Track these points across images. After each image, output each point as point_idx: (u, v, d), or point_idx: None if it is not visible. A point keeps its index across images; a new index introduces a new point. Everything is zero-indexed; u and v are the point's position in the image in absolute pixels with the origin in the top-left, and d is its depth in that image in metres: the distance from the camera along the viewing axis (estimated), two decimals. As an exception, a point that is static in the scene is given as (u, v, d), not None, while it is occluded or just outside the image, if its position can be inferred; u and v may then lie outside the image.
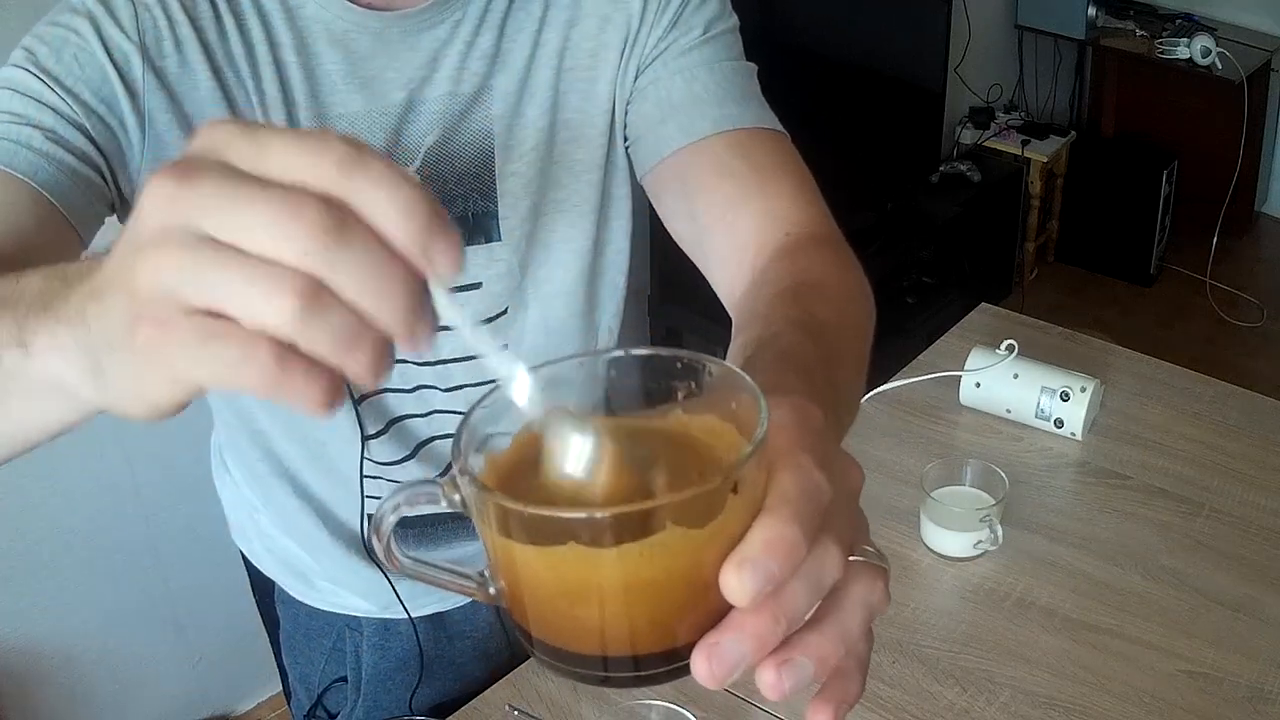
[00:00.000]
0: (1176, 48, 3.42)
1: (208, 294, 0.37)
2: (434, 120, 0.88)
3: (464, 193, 0.90)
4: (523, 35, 0.88)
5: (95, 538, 1.92)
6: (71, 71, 0.80)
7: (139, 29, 0.80)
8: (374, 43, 0.85)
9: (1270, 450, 1.51)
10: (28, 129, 0.77)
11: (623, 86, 0.91)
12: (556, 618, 0.46)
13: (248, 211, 0.37)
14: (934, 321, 2.86)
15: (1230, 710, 1.15)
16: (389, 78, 0.86)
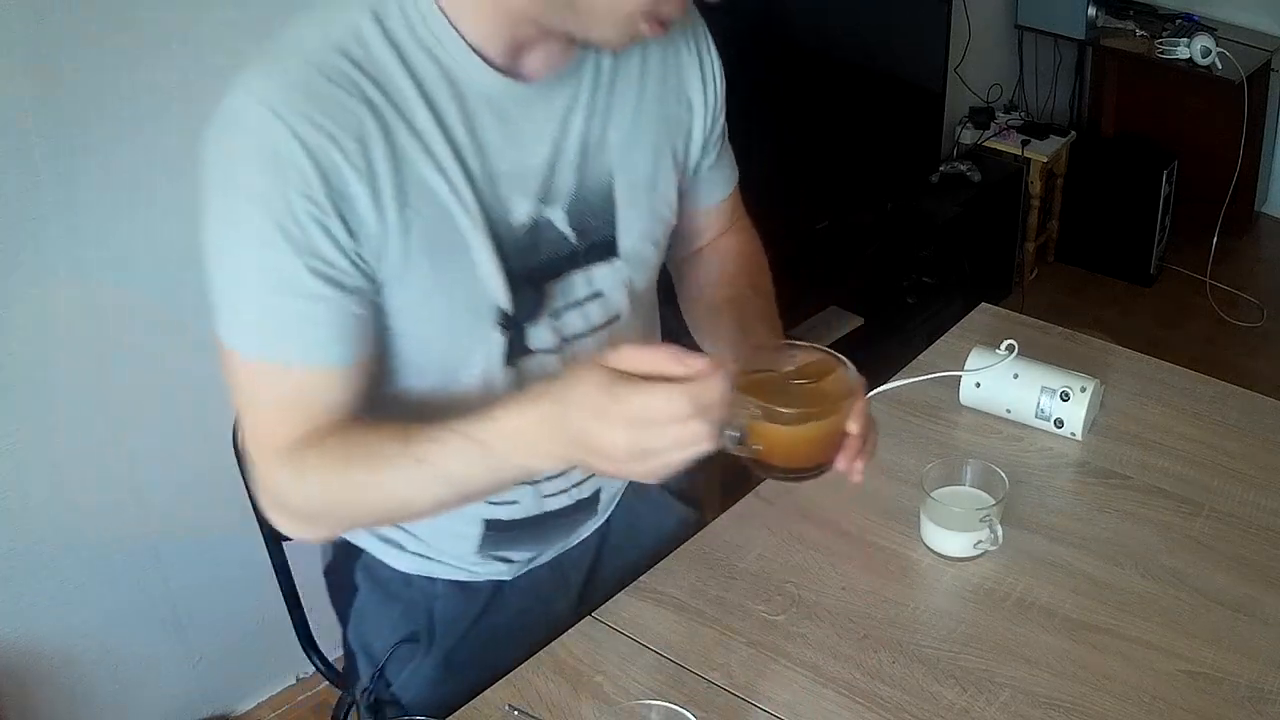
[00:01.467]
0: (1176, 48, 3.42)
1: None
2: (569, 169, 1.06)
3: (596, 224, 1.09)
4: (628, 97, 1.09)
5: (95, 538, 1.92)
6: (323, 243, 0.93)
7: (350, 161, 0.93)
8: (522, 108, 1.02)
9: (1270, 450, 1.51)
10: (321, 327, 0.95)
11: (689, 153, 1.18)
12: (787, 453, 1.02)
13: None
14: (934, 321, 2.86)
15: (1230, 710, 1.15)
16: (534, 136, 1.03)
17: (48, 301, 1.76)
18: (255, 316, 0.96)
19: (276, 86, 0.93)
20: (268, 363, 0.98)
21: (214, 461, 2.02)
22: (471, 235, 1.01)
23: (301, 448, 0.98)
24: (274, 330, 0.96)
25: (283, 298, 0.94)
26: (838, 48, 2.73)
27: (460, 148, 0.99)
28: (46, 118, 1.66)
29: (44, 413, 1.80)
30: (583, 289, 1.11)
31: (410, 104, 0.96)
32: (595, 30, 0.96)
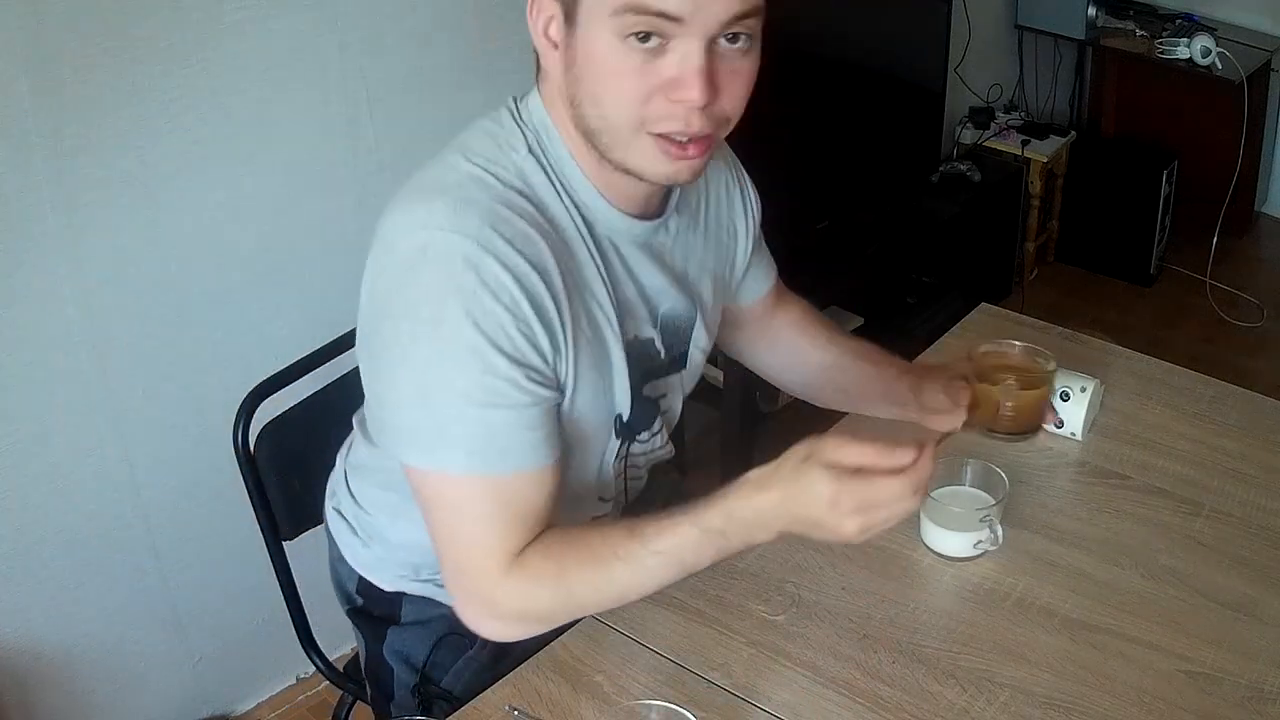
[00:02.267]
0: (1176, 48, 3.42)
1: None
2: (665, 297, 1.20)
3: (677, 341, 1.24)
4: (697, 234, 1.24)
5: (95, 538, 1.92)
6: (533, 356, 1.03)
7: (546, 279, 1.03)
8: (635, 245, 1.15)
9: (1270, 450, 1.51)
10: (534, 430, 1.04)
11: (734, 273, 1.35)
12: (1029, 414, 1.36)
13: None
14: (934, 321, 2.86)
15: (1230, 710, 1.15)
16: (645, 270, 1.17)
17: (48, 301, 1.76)
18: (472, 433, 1.02)
19: (476, 222, 1.00)
20: (484, 475, 1.04)
21: (213, 461, 2.03)
22: (615, 353, 1.14)
23: (528, 556, 1.06)
24: (498, 444, 1.03)
25: (501, 411, 1.02)
26: (838, 48, 2.73)
27: (604, 278, 1.11)
28: (46, 118, 1.66)
29: (43, 413, 1.80)
30: (658, 393, 1.25)
31: (571, 236, 1.08)
32: (625, 155, 1.03)
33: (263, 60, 1.87)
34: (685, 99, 0.98)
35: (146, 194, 1.81)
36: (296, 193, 2.00)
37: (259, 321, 2.01)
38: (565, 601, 1.10)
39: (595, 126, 1.02)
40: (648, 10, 0.95)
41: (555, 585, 1.07)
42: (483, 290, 0.99)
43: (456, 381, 1.00)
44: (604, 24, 0.97)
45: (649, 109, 0.99)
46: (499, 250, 1.00)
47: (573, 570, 1.06)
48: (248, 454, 1.46)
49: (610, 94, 0.99)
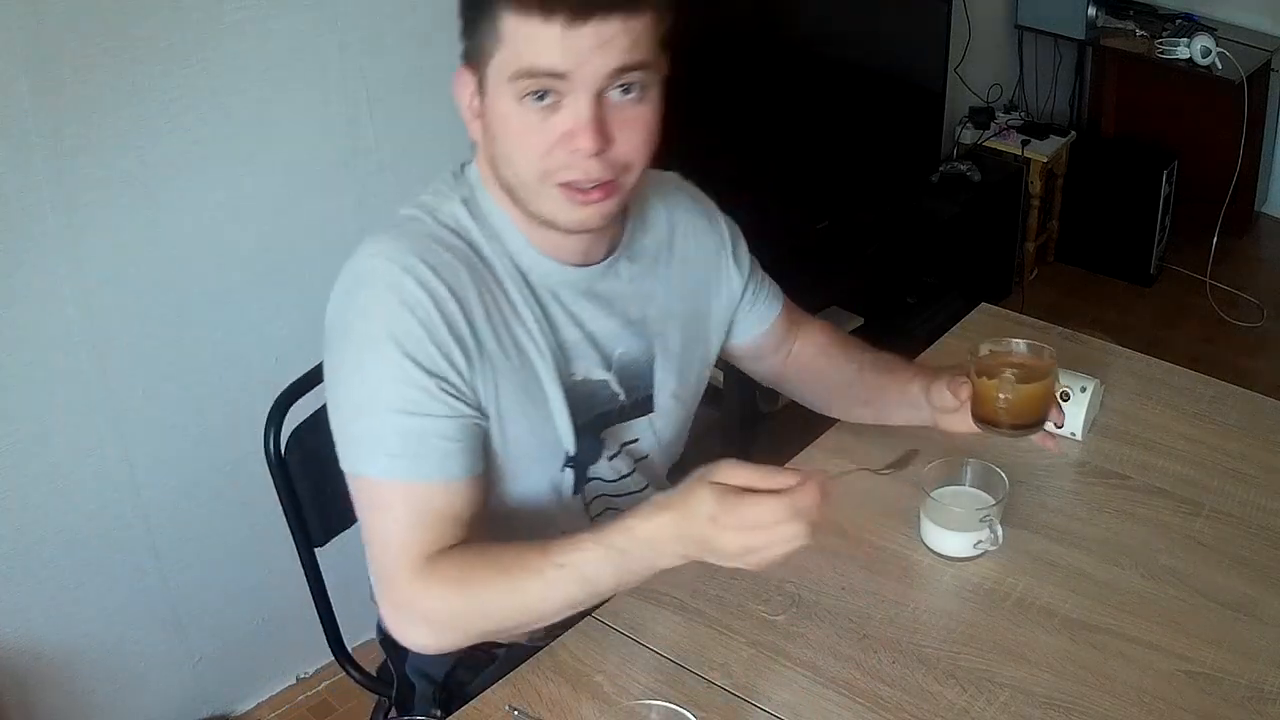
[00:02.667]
0: (1176, 48, 3.41)
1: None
2: (616, 340, 1.26)
3: (639, 384, 1.30)
4: (658, 280, 1.30)
5: (95, 538, 1.92)
6: (448, 370, 1.11)
7: (463, 305, 1.13)
8: (574, 292, 1.22)
9: (1270, 450, 1.51)
10: (449, 440, 1.11)
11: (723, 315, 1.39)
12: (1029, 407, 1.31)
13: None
14: (934, 321, 2.86)
15: (1230, 710, 1.15)
16: (588, 314, 1.23)
17: (48, 301, 1.76)
18: (392, 439, 1.10)
19: (403, 251, 1.11)
20: (405, 481, 1.11)
21: (213, 461, 2.03)
22: (550, 389, 1.20)
23: (438, 560, 1.10)
24: (409, 448, 1.10)
25: (418, 419, 1.10)
26: (838, 48, 2.73)
27: (538, 318, 1.19)
28: (46, 118, 1.66)
29: (44, 413, 1.80)
30: (625, 435, 1.31)
31: (504, 278, 1.17)
32: (540, 207, 1.12)
33: (263, 60, 1.87)
34: (579, 148, 1.07)
35: (146, 194, 1.81)
36: (296, 193, 2.00)
37: (259, 321, 2.01)
38: (470, 607, 1.11)
39: (512, 183, 1.12)
40: (536, 72, 1.05)
41: (460, 589, 1.10)
42: (402, 309, 1.09)
43: (380, 392, 1.10)
44: (504, 89, 1.07)
45: (550, 161, 1.09)
46: (420, 274, 1.10)
47: (479, 576, 1.10)
48: (280, 460, 1.45)
49: (517, 151, 1.09)
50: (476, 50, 1.09)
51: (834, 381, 1.48)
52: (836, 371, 1.47)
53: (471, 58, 1.11)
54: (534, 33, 1.03)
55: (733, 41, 2.43)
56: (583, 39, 1.03)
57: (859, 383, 1.46)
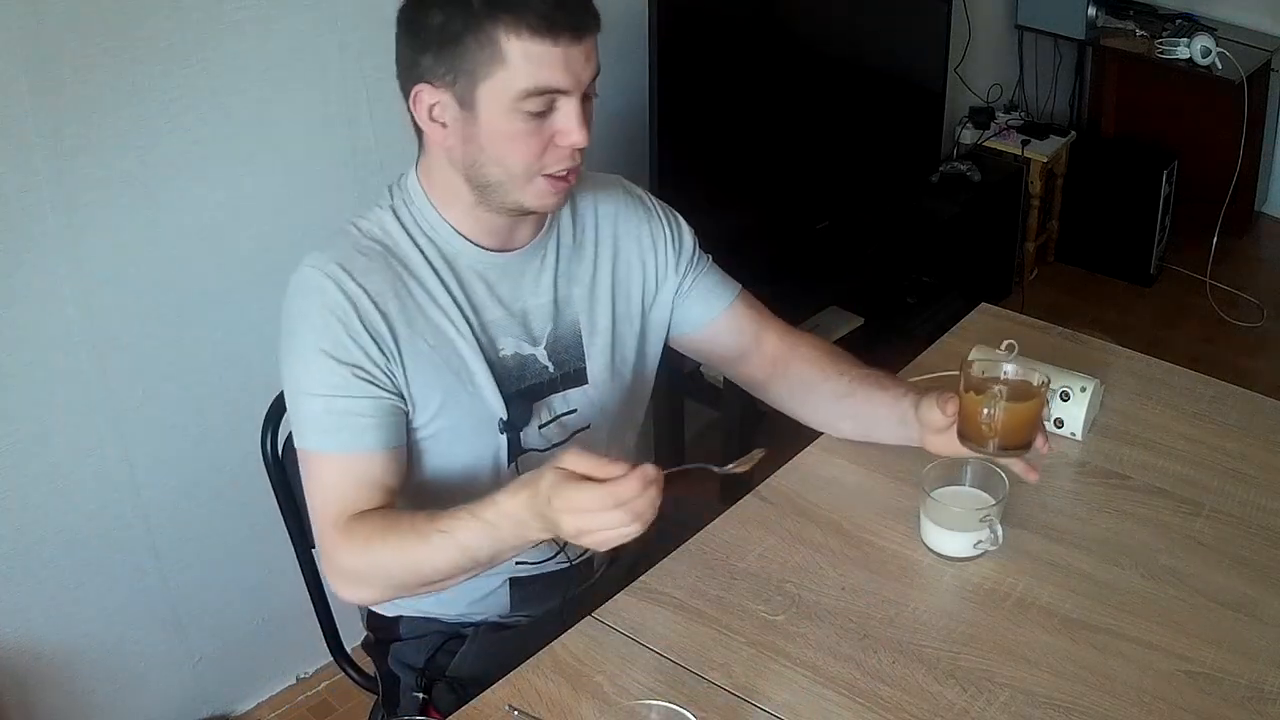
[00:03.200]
0: (1176, 48, 3.41)
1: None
2: (544, 317, 1.38)
3: (569, 358, 1.40)
4: (584, 262, 1.41)
5: (95, 538, 1.92)
6: (362, 359, 1.26)
7: (376, 302, 1.28)
8: (500, 274, 1.35)
9: (1270, 450, 1.51)
10: (364, 417, 1.26)
11: (654, 298, 1.47)
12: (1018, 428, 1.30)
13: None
14: (934, 321, 2.86)
15: (1230, 710, 1.15)
16: (512, 294, 1.36)
17: (48, 301, 1.76)
18: (317, 417, 1.26)
19: (328, 260, 1.28)
20: (326, 452, 1.27)
21: (213, 461, 2.03)
22: (474, 364, 1.32)
23: (353, 523, 1.24)
24: (331, 425, 1.26)
25: (340, 400, 1.25)
26: (838, 48, 2.73)
27: (459, 302, 1.32)
28: (46, 118, 1.66)
29: (44, 413, 1.80)
30: (561, 406, 1.40)
31: (421, 271, 1.31)
32: (522, 198, 1.27)
33: (263, 60, 1.87)
34: (574, 143, 1.23)
35: (146, 194, 1.81)
36: (296, 193, 2.00)
37: (259, 321, 2.01)
38: (372, 564, 1.24)
39: (496, 180, 1.26)
40: (545, 90, 1.20)
41: (364, 548, 1.23)
42: (322, 309, 1.26)
43: (307, 379, 1.27)
44: (505, 105, 1.20)
45: (547, 157, 1.24)
46: (339, 279, 1.26)
47: (380, 538, 1.23)
48: (277, 461, 1.46)
49: (513, 155, 1.24)
50: (456, 71, 1.21)
51: (823, 393, 1.48)
52: (826, 383, 1.48)
53: (442, 77, 1.23)
54: (543, 54, 1.18)
55: (733, 42, 2.43)
56: (578, 56, 1.20)
57: (849, 396, 1.46)
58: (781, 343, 1.51)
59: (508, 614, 1.47)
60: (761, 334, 1.51)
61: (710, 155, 2.46)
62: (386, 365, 1.28)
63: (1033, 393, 1.31)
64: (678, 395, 2.68)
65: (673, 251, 1.47)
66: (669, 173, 2.27)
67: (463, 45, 1.19)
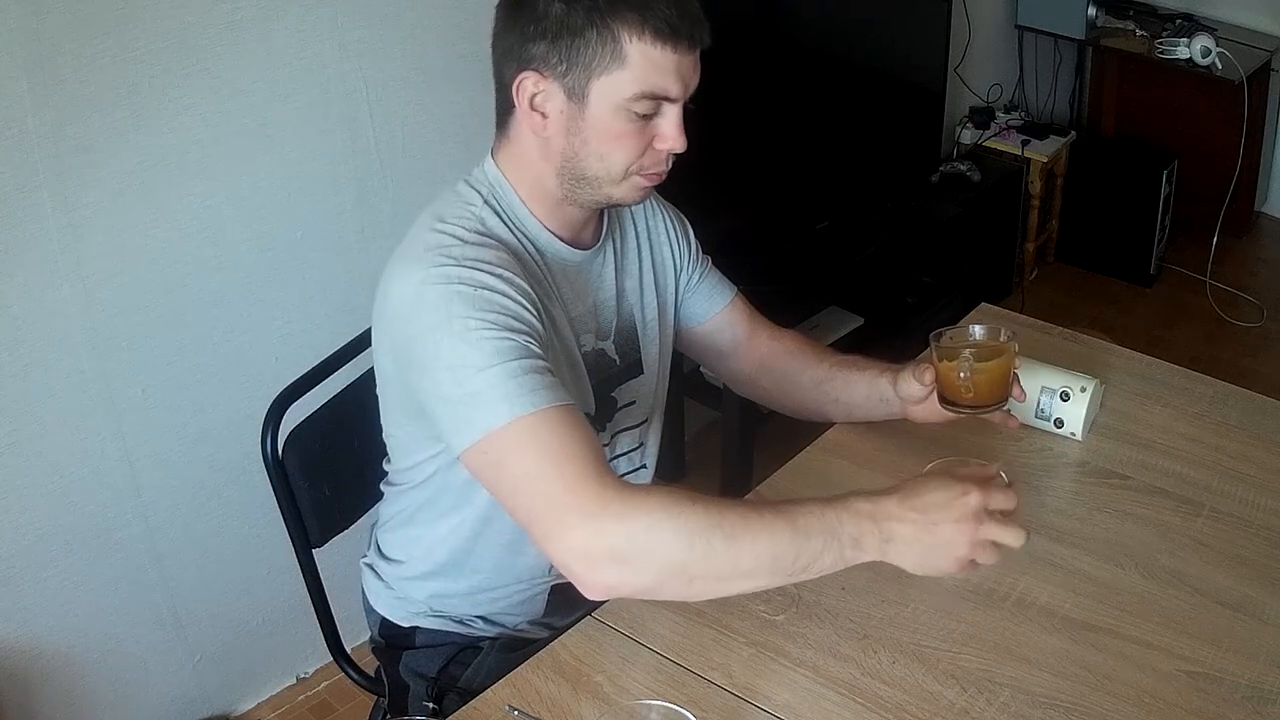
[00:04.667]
0: (1176, 48, 3.42)
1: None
2: (610, 311, 1.40)
3: (629, 349, 1.43)
4: (631, 255, 1.44)
5: (95, 538, 1.92)
6: (534, 321, 1.20)
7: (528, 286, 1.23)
8: (577, 270, 1.36)
9: (1270, 450, 1.51)
10: (550, 375, 1.16)
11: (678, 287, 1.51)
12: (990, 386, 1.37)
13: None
14: (934, 321, 2.85)
15: (1230, 710, 1.15)
16: (586, 290, 1.37)
17: (48, 301, 1.76)
18: (503, 388, 1.12)
19: (459, 257, 1.20)
20: (525, 415, 1.11)
21: (213, 462, 2.03)
22: (575, 355, 1.34)
23: (630, 486, 1.11)
24: (527, 386, 1.13)
25: (517, 363, 1.14)
26: (838, 47, 2.73)
27: (556, 295, 1.32)
28: (46, 118, 1.66)
29: (44, 413, 1.80)
30: (624, 397, 1.42)
31: (527, 262, 1.28)
32: (613, 193, 1.28)
33: (263, 60, 1.87)
34: (673, 149, 1.26)
35: (146, 194, 1.81)
36: (296, 193, 2.00)
37: (259, 321, 2.02)
38: (662, 535, 1.06)
39: (594, 174, 1.26)
40: (659, 95, 1.22)
41: (661, 509, 1.06)
42: (477, 288, 1.17)
43: (474, 356, 1.14)
44: (618, 103, 1.21)
45: (646, 158, 1.26)
46: (481, 266, 1.20)
47: (680, 500, 1.07)
48: (277, 461, 1.46)
49: (618, 152, 1.24)
50: (570, 62, 1.20)
51: (806, 382, 1.52)
52: (808, 373, 1.52)
53: (554, 67, 1.20)
54: (663, 59, 1.20)
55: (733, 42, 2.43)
56: (690, 65, 1.23)
57: (828, 380, 1.51)
58: (770, 340, 1.55)
59: (539, 618, 1.47)
60: (754, 332, 1.54)
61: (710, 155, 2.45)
62: (544, 342, 1.21)
63: (1001, 349, 1.38)
64: (678, 395, 2.68)
65: (685, 245, 1.51)
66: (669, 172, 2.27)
67: (583, 39, 1.19)
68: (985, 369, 1.36)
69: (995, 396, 1.38)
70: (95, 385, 1.85)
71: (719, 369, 1.60)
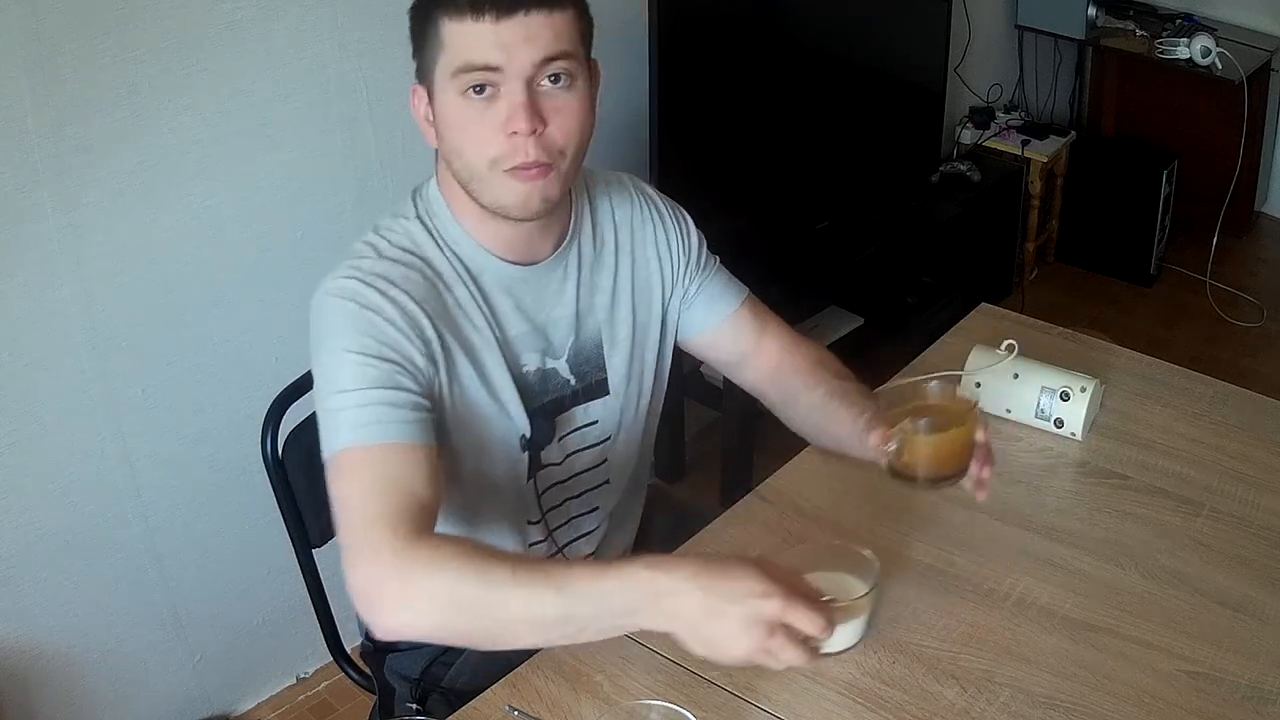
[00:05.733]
0: (1176, 48, 3.42)
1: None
2: (566, 329, 1.35)
3: (591, 369, 1.38)
4: (605, 270, 1.38)
5: (95, 537, 1.92)
6: (410, 350, 1.20)
7: (422, 306, 1.22)
8: (524, 287, 1.31)
9: (1270, 450, 1.51)
10: (407, 409, 1.17)
11: (670, 302, 1.45)
12: (933, 461, 1.21)
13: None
14: (934, 321, 2.86)
15: (1230, 710, 1.15)
16: (535, 308, 1.32)
17: (48, 301, 1.76)
18: (356, 412, 1.16)
19: (366, 271, 1.22)
20: (364, 445, 1.15)
21: (213, 462, 2.03)
22: (501, 380, 1.29)
23: (422, 532, 1.11)
24: (374, 418, 1.15)
25: (379, 392, 1.16)
26: (838, 47, 2.73)
27: (487, 316, 1.28)
28: (46, 117, 1.66)
29: (44, 413, 1.80)
30: (582, 418, 1.38)
31: (454, 283, 1.27)
32: (494, 195, 1.22)
33: (262, 60, 1.87)
34: (516, 129, 1.17)
35: (146, 194, 1.81)
36: (296, 193, 2.00)
37: (259, 321, 2.02)
38: (438, 582, 1.07)
39: (464, 176, 1.22)
40: (473, 66, 1.16)
41: (436, 559, 1.08)
42: (362, 309, 1.19)
43: (338, 376, 1.17)
44: (448, 88, 1.18)
45: (494, 148, 1.19)
46: (378, 284, 1.21)
47: (458, 552, 1.08)
48: (277, 461, 1.46)
49: (465, 142, 1.20)
50: (426, 62, 1.21)
51: (802, 405, 1.45)
52: (805, 395, 1.44)
53: (422, 72, 1.22)
54: (468, 31, 1.15)
55: (733, 41, 2.43)
56: (511, 32, 1.15)
57: (820, 409, 1.42)
58: (780, 352, 1.48)
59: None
60: (761, 342, 1.47)
61: (711, 155, 2.46)
62: (430, 373, 1.22)
63: (959, 418, 1.22)
64: (677, 395, 2.68)
65: (683, 254, 1.45)
66: (669, 172, 2.27)
67: (423, 36, 1.21)
68: (933, 441, 1.21)
69: (946, 471, 1.23)
70: (95, 385, 1.85)
71: (733, 378, 1.53)
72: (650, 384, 1.45)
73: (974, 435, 1.24)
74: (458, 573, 1.06)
